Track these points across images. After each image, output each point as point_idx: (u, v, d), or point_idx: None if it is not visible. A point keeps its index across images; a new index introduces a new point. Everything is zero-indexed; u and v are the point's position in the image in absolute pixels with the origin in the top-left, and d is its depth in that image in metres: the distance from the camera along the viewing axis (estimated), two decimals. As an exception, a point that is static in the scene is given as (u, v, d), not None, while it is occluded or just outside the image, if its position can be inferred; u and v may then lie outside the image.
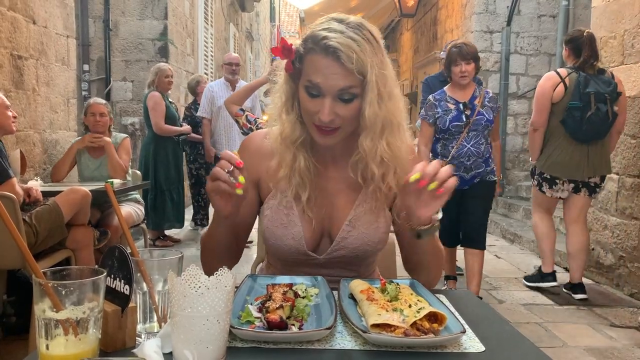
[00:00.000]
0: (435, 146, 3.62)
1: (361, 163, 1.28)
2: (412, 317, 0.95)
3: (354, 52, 1.15)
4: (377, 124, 1.23)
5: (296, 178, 1.30)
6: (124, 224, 1.00)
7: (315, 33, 1.20)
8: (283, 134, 1.30)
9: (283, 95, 1.30)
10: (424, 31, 11.08)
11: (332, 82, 1.18)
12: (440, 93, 3.61)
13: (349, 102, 1.20)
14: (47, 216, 2.79)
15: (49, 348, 0.77)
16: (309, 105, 1.22)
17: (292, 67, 1.24)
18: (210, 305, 0.81)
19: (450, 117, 3.47)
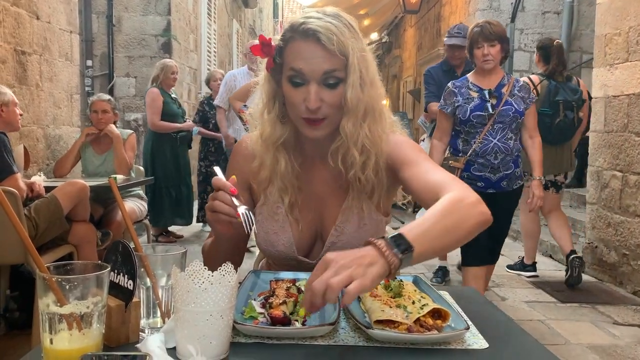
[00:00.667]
0: (455, 141, 3.13)
1: (342, 148, 1.23)
2: (415, 313, 0.94)
3: (333, 34, 1.14)
4: (360, 108, 1.19)
5: (278, 182, 1.28)
6: (127, 219, 1.01)
7: (293, 22, 1.20)
8: (263, 135, 1.27)
9: (264, 96, 1.27)
10: (427, 28, 11.05)
11: (315, 65, 1.16)
12: (462, 80, 3.15)
13: (334, 87, 1.18)
14: (46, 208, 2.80)
15: (52, 342, 0.77)
16: (294, 96, 1.19)
17: (273, 63, 1.22)
18: (213, 301, 0.81)
19: (471, 106, 2.99)
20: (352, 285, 0.83)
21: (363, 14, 12.18)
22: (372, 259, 0.87)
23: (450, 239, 1.00)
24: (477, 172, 3.00)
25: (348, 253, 0.88)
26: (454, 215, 1.02)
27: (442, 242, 0.99)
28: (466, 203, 1.05)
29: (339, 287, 0.82)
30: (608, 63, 4.31)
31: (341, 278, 0.83)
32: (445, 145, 3.15)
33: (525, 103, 3.05)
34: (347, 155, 1.23)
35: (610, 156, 4.29)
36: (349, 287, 0.83)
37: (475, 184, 2.97)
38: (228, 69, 10.50)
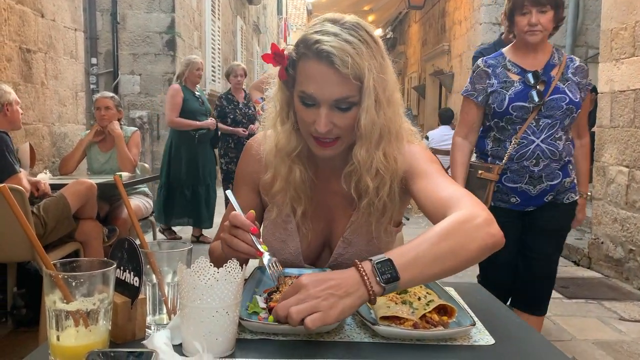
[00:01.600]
0: (483, 141, 2.36)
1: (355, 175, 1.19)
2: (421, 309, 0.94)
3: (349, 56, 1.06)
4: (374, 132, 1.13)
5: (291, 192, 1.23)
6: (133, 217, 1.01)
7: (308, 37, 1.11)
8: (278, 146, 1.21)
9: (277, 104, 1.22)
10: (432, 23, 11.01)
11: (327, 91, 1.09)
12: (497, 56, 2.34)
13: (346, 110, 1.12)
14: (54, 207, 2.81)
15: (59, 339, 0.77)
16: (304, 115, 1.14)
17: (286, 74, 1.16)
18: (219, 297, 0.81)
19: (511, 94, 2.20)
20: (311, 317, 0.81)
21: (367, 10, 12.16)
22: (350, 289, 0.85)
23: (446, 265, 0.93)
24: (510, 183, 2.26)
25: (324, 278, 0.86)
26: (455, 238, 0.95)
27: (434, 270, 0.92)
28: (472, 224, 0.97)
29: (298, 318, 0.81)
30: (614, 58, 4.29)
31: (303, 308, 0.82)
32: (472, 145, 2.40)
33: (582, 90, 2.31)
34: (360, 183, 1.19)
35: (616, 151, 4.27)
36: (307, 318, 0.81)
37: (507, 199, 2.30)
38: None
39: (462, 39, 8.64)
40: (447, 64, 9.67)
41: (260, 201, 1.35)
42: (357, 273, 0.87)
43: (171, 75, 6.51)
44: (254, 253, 1.03)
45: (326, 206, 1.31)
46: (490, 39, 7.37)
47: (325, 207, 1.31)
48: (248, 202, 1.32)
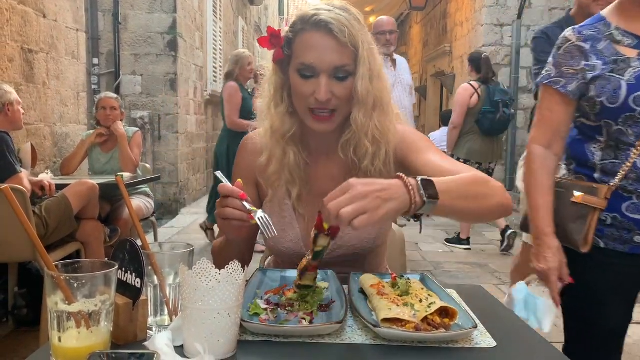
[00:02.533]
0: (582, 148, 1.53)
1: (354, 140, 1.24)
2: (423, 311, 0.94)
3: (345, 27, 1.15)
4: (369, 99, 1.20)
5: (285, 174, 1.27)
6: (135, 217, 1.01)
7: (304, 14, 1.19)
8: (273, 128, 1.26)
9: (272, 88, 1.27)
10: (433, 24, 11.01)
11: (327, 58, 1.16)
12: (594, 23, 1.51)
13: (344, 80, 1.18)
14: (56, 208, 2.82)
15: (61, 340, 0.77)
16: (303, 88, 1.19)
17: (282, 54, 1.22)
18: (221, 299, 0.81)
19: (630, 79, 1.40)
20: (360, 219, 0.86)
21: (369, 10, 12.16)
22: (393, 194, 0.90)
23: (473, 206, 1.02)
24: (633, 214, 1.44)
25: (371, 182, 0.91)
26: (481, 188, 1.04)
27: (464, 205, 1.00)
28: (494, 184, 1.08)
29: (348, 219, 0.86)
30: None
31: (352, 210, 0.86)
32: (559, 156, 1.57)
33: None
34: (359, 146, 1.24)
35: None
36: (355, 220, 0.86)
37: (628, 237, 1.46)
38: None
39: (464, 40, 8.64)
40: (448, 65, 9.67)
41: (257, 195, 1.37)
42: (402, 183, 0.92)
43: (172, 76, 6.51)
44: (246, 218, 1.05)
45: (322, 192, 1.28)
46: (492, 40, 7.38)
47: (321, 192, 1.28)
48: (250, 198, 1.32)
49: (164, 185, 6.72)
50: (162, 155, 6.67)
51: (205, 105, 8.16)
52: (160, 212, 6.50)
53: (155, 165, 6.50)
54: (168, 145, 6.66)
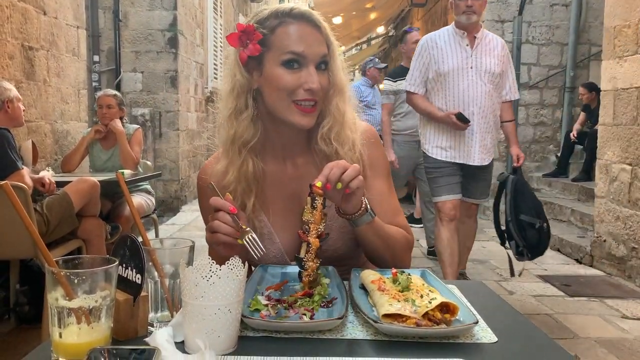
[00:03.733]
0: None
1: (334, 129, 1.24)
2: (423, 307, 0.94)
3: (320, 19, 1.20)
4: (345, 88, 1.25)
5: (242, 184, 1.23)
6: (135, 214, 1.01)
7: (276, 11, 1.19)
8: (236, 135, 1.22)
9: (235, 91, 1.22)
10: (434, 21, 10.99)
11: (315, 48, 1.18)
12: None
13: (324, 71, 1.21)
14: (58, 205, 2.82)
15: (61, 336, 0.77)
16: (289, 80, 1.16)
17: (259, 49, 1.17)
18: (221, 295, 0.81)
19: None
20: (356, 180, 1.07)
21: (370, 7, 12.13)
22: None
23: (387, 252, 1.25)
24: None
25: None
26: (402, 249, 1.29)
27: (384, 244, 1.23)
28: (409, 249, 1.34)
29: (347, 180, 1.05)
30: (617, 55, 4.27)
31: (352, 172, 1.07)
32: None
33: None
34: (341, 134, 1.25)
35: (619, 149, 4.26)
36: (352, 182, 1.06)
37: None
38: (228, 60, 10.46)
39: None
40: (449, 61, 9.63)
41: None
42: None
43: (173, 73, 6.51)
44: (234, 234, 1.05)
45: (294, 198, 1.29)
46: (493, 36, 7.35)
47: (293, 199, 1.29)
48: None
49: (165, 183, 6.72)
50: (163, 152, 6.67)
51: (205, 102, 8.16)
52: (161, 209, 6.51)
53: (156, 162, 6.51)
54: (169, 142, 6.66)
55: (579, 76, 7.22)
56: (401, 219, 1.35)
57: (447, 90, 3.32)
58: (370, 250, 1.26)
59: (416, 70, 3.42)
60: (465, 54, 3.30)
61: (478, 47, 3.31)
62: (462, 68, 3.28)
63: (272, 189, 1.30)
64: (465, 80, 3.28)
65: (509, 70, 3.46)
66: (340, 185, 1.06)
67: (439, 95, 3.35)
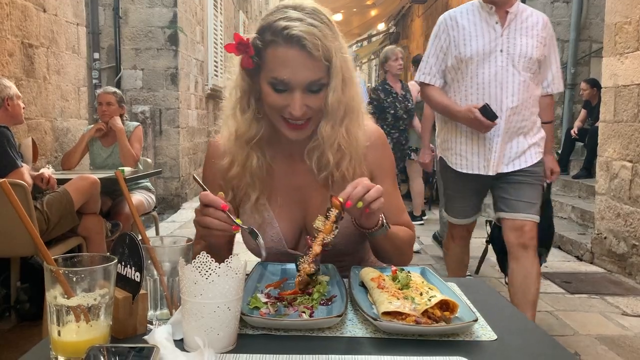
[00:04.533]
0: None
1: (317, 150, 1.25)
2: (423, 305, 0.94)
3: (318, 39, 1.11)
4: (340, 110, 1.20)
5: (247, 178, 1.26)
6: (134, 211, 1.01)
7: (274, 24, 1.14)
8: (238, 132, 1.24)
9: (238, 92, 1.24)
10: (435, 17, 10.95)
11: (300, 75, 1.13)
12: None
13: (317, 92, 1.17)
14: (58, 203, 2.82)
15: (60, 334, 0.77)
16: (276, 101, 1.17)
17: (252, 63, 1.17)
18: (220, 292, 0.81)
19: None
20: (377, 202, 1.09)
21: (370, 4, 12.11)
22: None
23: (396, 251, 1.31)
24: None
25: None
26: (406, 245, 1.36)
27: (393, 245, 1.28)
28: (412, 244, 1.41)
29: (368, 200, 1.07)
30: (618, 52, 4.26)
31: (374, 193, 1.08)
32: None
33: None
34: (322, 157, 1.25)
35: (620, 146, 4.25)
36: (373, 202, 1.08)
37: None
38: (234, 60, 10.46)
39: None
40: (450, 58, 9.62)
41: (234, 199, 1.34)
42: None
43: (173, 70, 6.50)
44: (229, 228, 1.05)
45: (298, 189, 1.32)
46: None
47: (297, 190, 1.32)
48: None
49: (166, 180, 6.72)
50: (164, 149, 6.67)
51: (206, 99, 8.15)
52: (161, 206, 6.51)
53: (157, 159, 6.51)
54: (169, 139, 6.66)
55: (580, 73, 7.20)
56: (405, 217, 1.40)
57: (468, 80, 2.55)
58: (380, 252, 1.32)
59: (432, 57, 2.66)
60: (494, 34, 2.51)
61: (511, 26, 2.53)
62: (490, 52, 2.50)
63: (277, 179, 1.32)
64: (493, 67, 2.50)
65: (553, 56, 2.66)
66: (361, 204, 1.08)
67: (459, 87, 2.60)
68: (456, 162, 2.66)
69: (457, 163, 2.66)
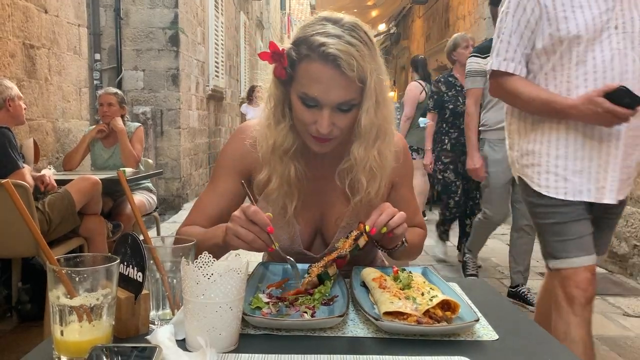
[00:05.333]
0: None
1: (350, 172, 1.24)
2: (425, 305, 0.94)
3: (354, 59, 1.08)
4: (372, 132, 1.19)
5: (285, 188, 1.25)
6: (136, 212, 1.01)
7: (311, 39, 1.11)
8: (275, 144, 1.23)
9: (272, 101, 1.22)
10: (435, 18, 10.97)
11: (332, 95, 1.11)
12: None
13: (347, 112, 1.15)
14: (60, 204, 2.82)
15: (63, 334, 0.78)
16: (304, 115, 1.16)
17: (285, 74, 1.16)
18: (222, 292, 0.81)
19: None
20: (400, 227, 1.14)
21: (371, 4, 12.12)
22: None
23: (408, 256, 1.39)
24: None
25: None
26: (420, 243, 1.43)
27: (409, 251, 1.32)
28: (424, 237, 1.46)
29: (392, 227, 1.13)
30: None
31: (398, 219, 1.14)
32: None
33: None
34: (355, 181, 1.25)
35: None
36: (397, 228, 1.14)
37: None
38: (236, 61, 10.51)
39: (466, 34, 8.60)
40: (451, 59, 9.62)
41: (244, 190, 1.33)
42: None
43: (174, 71, 6.51)
44: (266, 248, 1.05)
45: (319, 193, 1.33)
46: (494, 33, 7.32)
47: (318, 194, 1.33)
48: (234, 189, 1.31)
49: (167, 181, 6.73)
50: (165, 150, 6.67)
51: (207, 100, 8.16)
52: (163, 207, 6.51)
53: (158, 160, 6.51)
54: (170, 140, 6.67)
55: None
56: (418, 218, 1.45)
57: (572, 68, 1.79)
58: (395, 258, 1.35)
59: (514, 35, 1.85)
60: (603, 5, 1.74)
61: None
62: (600, 29, 1.74)
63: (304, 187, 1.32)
64: (607, 49, 1.74)
65: None
66: (385, 230, 1.12)
67: (555, 78, 1.83)
68: (556, 184, 1.83)
69: (556, 186, 1.83)
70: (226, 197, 1.30)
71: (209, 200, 1.32)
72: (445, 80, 4.33)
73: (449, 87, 4.27)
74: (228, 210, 1.25)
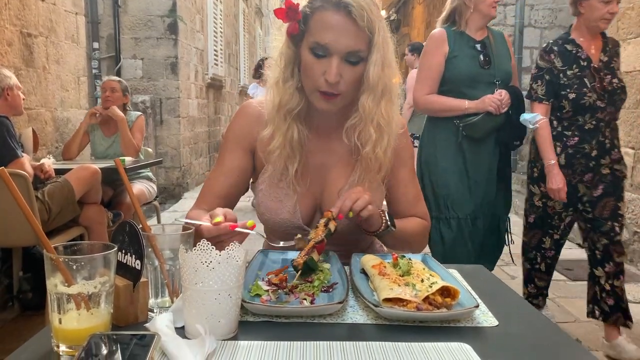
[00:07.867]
0: None
1: (359, 125, 1.25)
2: (424, 291, 0.94)
3: (364, 10, 1.13)
4: (379, 86, 1.21)
5: (287, 149, 1.27)
6: (134, 200, 1.00)
7: None
8: (282, 103, 1.26)
9: (282, 60, 1.25)
10: (436, 4, 10.89)
11: (342, 41, 1.15)
12: None
13: (355, 64, 1.18)
14: (59, 193, 2.82)
15: (61, 322, 0.77)
16: (314, 66, 1.18)
17: (297, 29, 1.20)
18: (221, 280, 0.81)
19: None
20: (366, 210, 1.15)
21: (370, -9, 12.03)
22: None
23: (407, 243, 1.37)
24: None
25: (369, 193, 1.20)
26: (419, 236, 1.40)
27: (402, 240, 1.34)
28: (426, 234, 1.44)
29: (358, 209, 1.13)
30: (621, 38, 4.23)
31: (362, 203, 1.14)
32: None
33: None
34: (364, 132, 1.25)
35: (622, 133, 4.22)
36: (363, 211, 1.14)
37: None
38: (235, 49, 10.45)
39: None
40: (451, 46, 9.56)
41: (251, 164, 1.37)
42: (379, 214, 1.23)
43: (173, 59, 6.47)
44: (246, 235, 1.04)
45: (319, 167, 1.34)
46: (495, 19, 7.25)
47: (319, 168, 1.34)
48: (240, 164, 1.34)
49: (167, 170, 6.72)
50: (164, 139, 6.66)
51: (206, 88, 8.13)
52: (163, 196, 6.51)
53: (158, 149, 6.50)
54: (170, 129, 6.65)
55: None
56: (420, 207, 1.43)
57: None
58: (388, 246, 1.39)
59: None
60: None
61: None
62: None
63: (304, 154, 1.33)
64: None
65: None
66: (351, 214, 1.14)
67: None
68: None
69: None
70: (233, 175, 1.33)
71: (216, 180, 1.35)
72: (560, 50, 2.70)
73: (568, 62, 2.67)
74: (236, 188, 1.34)
